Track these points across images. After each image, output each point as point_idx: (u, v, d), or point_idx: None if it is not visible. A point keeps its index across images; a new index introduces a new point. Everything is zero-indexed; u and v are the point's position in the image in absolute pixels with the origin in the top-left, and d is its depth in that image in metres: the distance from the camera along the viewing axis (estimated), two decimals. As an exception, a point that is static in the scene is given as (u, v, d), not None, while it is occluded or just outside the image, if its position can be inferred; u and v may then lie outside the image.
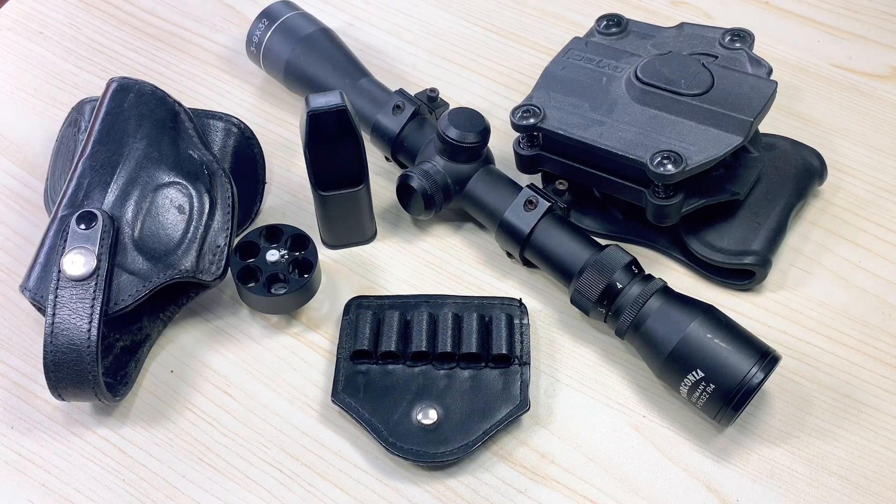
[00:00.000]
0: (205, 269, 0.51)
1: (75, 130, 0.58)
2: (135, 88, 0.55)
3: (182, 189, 0.52)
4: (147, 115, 0.54)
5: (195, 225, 0.52)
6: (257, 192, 0.60)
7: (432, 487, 0.48)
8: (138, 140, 0.53)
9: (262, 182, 0.60)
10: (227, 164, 0.58)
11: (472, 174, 0.56)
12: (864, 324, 0.53)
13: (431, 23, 0.73)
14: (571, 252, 0.52)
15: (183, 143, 0.54)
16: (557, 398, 0.51)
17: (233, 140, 0.59)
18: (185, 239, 0.51)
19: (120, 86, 0.55)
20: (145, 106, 0.55)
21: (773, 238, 0.54)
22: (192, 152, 0.54)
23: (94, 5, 0.75)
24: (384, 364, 0.51)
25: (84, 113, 0.58)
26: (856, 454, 0.48)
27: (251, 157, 0.60)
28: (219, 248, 0.52)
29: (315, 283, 0.54)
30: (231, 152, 0.59)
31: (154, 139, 0.54)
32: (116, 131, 0.54)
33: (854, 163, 0.61)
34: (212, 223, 0.52)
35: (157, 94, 0.55)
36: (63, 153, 0.58)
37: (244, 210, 0.58)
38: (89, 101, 0.59)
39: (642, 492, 0.47)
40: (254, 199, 0.60)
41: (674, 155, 0.50)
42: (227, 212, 0.53)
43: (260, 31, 0.64)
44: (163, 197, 0.52)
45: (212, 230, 0.52)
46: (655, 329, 0.48)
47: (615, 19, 0.60)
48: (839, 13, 0.72)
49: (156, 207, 0.52)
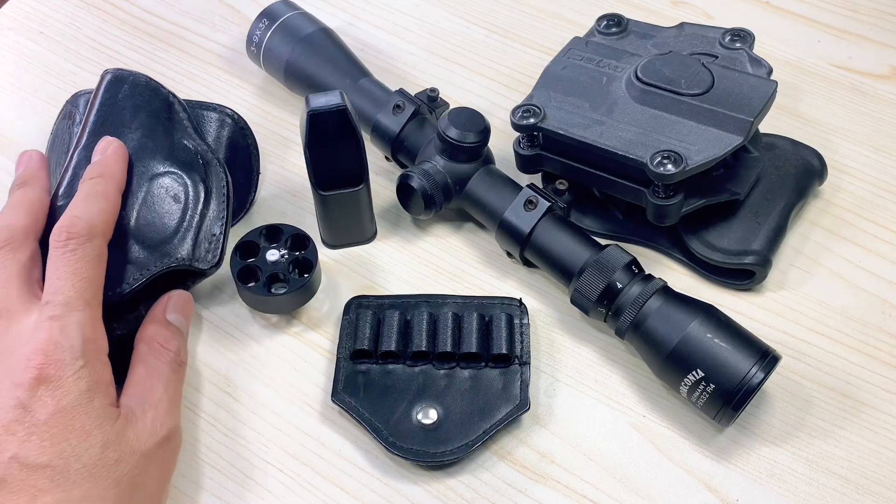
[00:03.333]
0: (201, 257, 0.51)
1: (70, 123, 0.58)
2: (129, 80, 0.55)
3: (177, 178, 0.53)
4: (141, 106, 0.55)
5: (191, 214, 0.52)
6: (252, 181, 0.60)
7: (432, 487, 0.48)
8: (133, 130, 0.54)
9: (257, 172, 0.61)
10: (222, 154, 0.58)
11: (472, 174, 0.56)
12: (864, 324, 0.53)
13: (431, 23, 0.73)
14: (571, 252, 0.52)
15: (177, 134, 0.54)
16: (557, 398, 0.51)
17: (227, 130, 0.59)
18: (180, 227, 0.51)
19: (114, 77, 0.56)
20: (140, 97, 0.55)
21: (773, 238, 0.54)
22: (186, 142, 0.54)
23: (94, 5, 0.75)
24: (384, 364, 0.51)
25: (78, 105, 0.59)
26: (856, 454, 0.48)
27: (245, 147, 0.60)
28: (214, 236, 0.52)
29: (315, 283, 0.54)
30: (225, 143, 0.59)
31: (149, 129, 0.54)
32: (111, 122, 0.54)
33: (854, 163, 0.61)
34: (207, 212, 0.52)
35: (151, 86, 0.56)
36: (58, 146, 0.58)
37: (239, 200, 0.58)
38: (83, 94, 0.59)
39: (642, 492, 0.47)
40: (248, 188, 0.60)
41: (674, 155, 0.50)
42: (223, 201, 0.53)
43: (260, 30, 0.64)
44: (158, 186, 0.52)
45: (207, 219, 0.52)
46: (655, 329, 0.48)
47: (615, 19, 0.60)
48: (839, 13, 0.72)
49: (151, 196, 0.52)
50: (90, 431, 0.41)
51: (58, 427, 0.41)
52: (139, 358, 0.48)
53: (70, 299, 0.43)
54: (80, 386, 0.42)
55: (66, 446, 0.41)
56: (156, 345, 0.48)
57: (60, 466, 0.40)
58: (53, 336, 0.42)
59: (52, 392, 0.41)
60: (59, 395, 0.41)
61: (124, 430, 0.43)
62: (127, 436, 0.43)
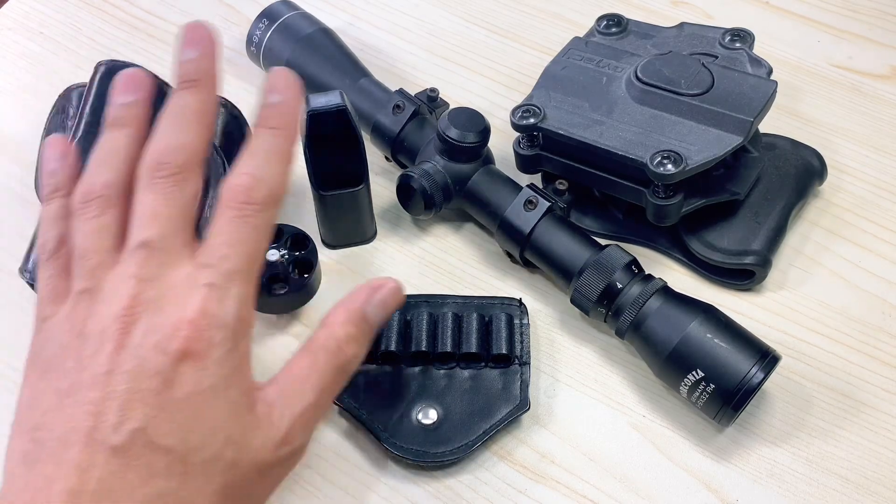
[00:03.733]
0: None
1: (63, 117, 0.58)
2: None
3: None
4: None
5: None
6: None
7: (432, 487, 0.48)
8: None
9: None
10: (217, 143, 0.58)
11: (472, 174, 0.56)
12: (864, 324, 0.53)
13: (431, 23, 0.73)
14: (571, 252, 0.52)
15: None
16: (557, 398, 0.51)
17: (220, 119, 0.59)
18: None
19: (108, 69, 0.56)
20: None
21: (773, 238, 0.54)
22: None
23: (93, 5, 0.75)
24: (384, 364, 0.51)
25: (71, 100, 0.59)
26: (856, 454, 0.48)
27: (239, 135, 0.60)
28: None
29: (315, 283, 0.54)
30: (219, 131, 0.59)
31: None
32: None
33: (854, 163, 0.61)
34: (206, 200, 0.53)
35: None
36: None
37: None
38: (76, 88, 0.59)
39: (642, 492, 0.47)
40: None
41: (674, 155, 0.50)
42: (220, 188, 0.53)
43: (260, 30, 0.64)
44: None
45: (206, 207, 0.52)
46: (655, 329, 0.48)
47: (615, 19, 0.60)
48: (839, 13, 0.72)
49: None
50: (219, 423, 0.37)
51: (191, 410, 0.36)
52: (310, 347, 0.41)
53: (234, 270, 0.38)
54: (223, 370, 0.37)
55: (192, 434, 0.36)
56: (333, 341, 0.41)
57: (180, 455, 0.35)
58: (209, 308, 0.37)
59: (195, 371, 0.36)
60: (201, 377, 0.36)
61: (253, 432, 0.38)
62: (252, 440, 0.38)
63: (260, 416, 0.38)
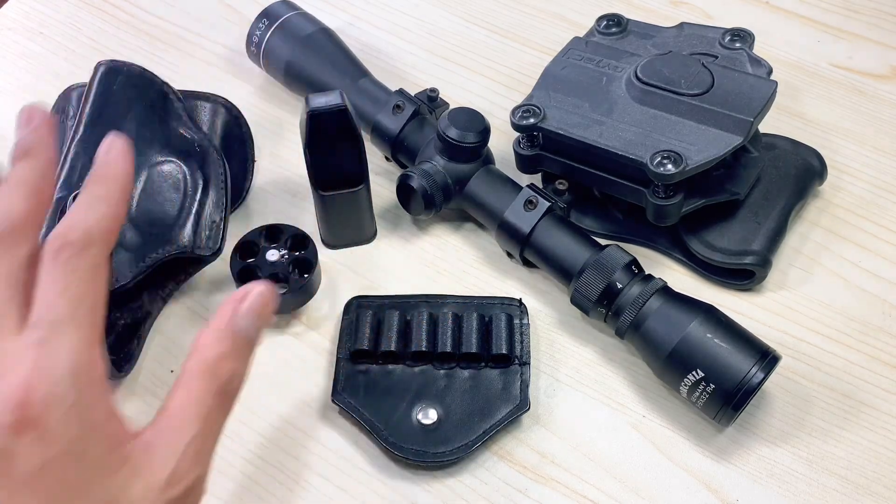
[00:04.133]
0: (202, 244, 0.52)
1: (63, 117, 0.58)
2: (123, 71, 0.56)
3: (175, 167, 0.53)
4: (137, 97, 0.55)
5: (190, 202, 0.53)
6: (247, 169, 0.61)
7: (432, 487, 0.48)
8: (129, 121, 0.54)
9: (252, 160, 0.61)
10: (217, 143, 0.59)
11: (472, 174, 0.56)
12: (864, 324, 0.53)
13: (431, 23, 0.73)
14: (571, 252, 0.52)
15: (173, 123, 0.55)
16: (557, 398, 0.51)
17: (220, 119, 0.60)
18: (181, 215, 0.52)
19: (108, 69, 0.56)
20: (134, 88, 0.55)
21: (773, 238, 0.54)
22: (182, 131, 0.55)
23: (94, 5, 0.75)
24: (384, 364, 0.51)
25: (71, 100, 0.59)
26: (856, 454, 0.48)
27: (239, 135, 0.61)
28: (214, 223, 0.53)
29: (315, 283, 0.54)
30: (220, 131, 0.59)
31: (145, 120, 0.54)
32: (107, 113, 0.54)
33: (854, 163, 0.61)
34: (206, 200, 0.53)
35: (145, 76, 0.56)
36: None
37: (235, 187, 0.59)
38: (76, 88, 0.59)
39: (642, 492, 0.47)
40: (244, 175, 0.61)
41: (674, 155, 0.50)
42: (221, 188, 0.54)
43: (260, 30, 0.64)
44: (157, 175, 0.53)
45: (207, 206, 0.53)
46: (655, 329, 0.48)
47: (615, 19, 0.60)
48: (839, 13, 0.72)
49: (151, 185, 0.52)
50: (85, 487, 0.33)
51: (48, 483, 0.33)
52: (183, 378, 0.37)
53: (60, 319, 0.35)
54: (71, 431, 0.33)
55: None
56: (205, 365, 0.37)
57: None
58: (41, 364, 0.33)
59: (37, 439, 0.32)
60: (46, 444, 0.32)
61: (131, 482, 0.34)
62: (131, 493, 0.34)
63: (137, 464, 0.35)
